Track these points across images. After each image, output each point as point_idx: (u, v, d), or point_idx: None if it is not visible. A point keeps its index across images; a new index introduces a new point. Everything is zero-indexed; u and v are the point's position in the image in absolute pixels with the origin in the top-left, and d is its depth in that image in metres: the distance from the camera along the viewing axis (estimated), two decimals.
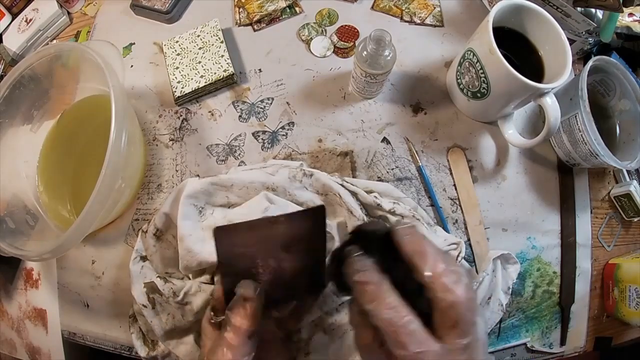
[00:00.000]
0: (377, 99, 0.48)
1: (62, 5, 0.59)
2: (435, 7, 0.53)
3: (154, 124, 0.50)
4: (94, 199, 0.34)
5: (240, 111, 0.49)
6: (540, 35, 0.41)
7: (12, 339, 0.48)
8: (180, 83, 0.49)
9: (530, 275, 0.45)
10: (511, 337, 0.44)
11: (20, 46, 0.57)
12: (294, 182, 0.41)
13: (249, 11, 0.53)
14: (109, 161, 0.35)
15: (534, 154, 0.47)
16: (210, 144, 0.48)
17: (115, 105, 0.36)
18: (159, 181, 0.47)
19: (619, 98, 0.47)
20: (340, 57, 0.51)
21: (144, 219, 0.46)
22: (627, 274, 0.43)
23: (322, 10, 0.53)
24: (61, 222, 0.46)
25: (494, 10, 0.39)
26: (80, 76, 0.49)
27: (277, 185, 0.40)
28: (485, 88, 0.41)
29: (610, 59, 0.44)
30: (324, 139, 0.47)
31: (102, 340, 0.45)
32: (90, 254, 0.46)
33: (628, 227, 0.48)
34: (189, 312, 0.38)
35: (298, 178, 0.41)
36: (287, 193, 0.40)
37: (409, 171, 0.46)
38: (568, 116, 0.43)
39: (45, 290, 0.47)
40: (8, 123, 0.46)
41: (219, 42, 0.50)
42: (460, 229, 0.45)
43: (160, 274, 0.41)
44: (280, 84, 0.50)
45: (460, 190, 0.45)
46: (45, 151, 0.49)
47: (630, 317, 0.42)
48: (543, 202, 0.46)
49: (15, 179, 0.47)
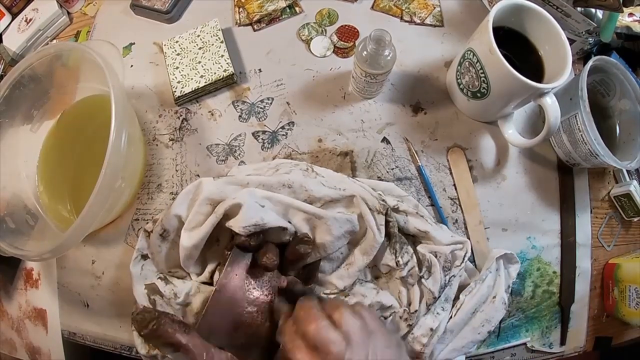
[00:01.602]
0: (377, 99, 0.49)
1: (62, 5, 0.59)
2: (435, 7, 0.53)
3: (154, 124, 0.50)
4: (94, 199, 0.34)
5: (240, 111, 0.49)
6: (540, 35, 0.41)
7: (12, 338, 0.48)
8: (180, 83, 0.49)
9: (530, 275, 0.45)
10: (511, 337, 0.44)
11: (20, 46, 0.57)
12: (309, 178, 0.41)
13: (249, 11, 0.53)
14: (109, 161, 0.35)
15: (534, 153, 0.47)
16: (210, 143, 0.48)
17: (115, 105, 0.36)
18: (159, 181, 0.47)
19: (619, 98, 0.47)
20: (340, 57, 0.51)
21: (143, 218, 0.46)
22: (627, 273, 0.43)
23: (322, 10, 0.53)
24: (61, 222, 0.46)
25: (494, 10, 0.39)
26: (80, 76, 0.49)
27: (293, 181, 0.40)
28: (485, 88, 0.41)
29: (610, 59, 0.44)
30: (324, 138, 0.47)
31: (102, 340, 0.45)
32: (90, 254, 0.46)
33: (628, 227, 0.48)
34: (189, 313, 0.38)
35: (312, 176, 0.41)
36: (304, 189, 0.40)
37: (408, 171, 0.46)
38: (568, 116, 0.43)
39: (45, 290, 0.47)
40: (8, 123, 0.46)
41: (219, 42, 0.50)
42: (460, 228, 0.45)
43: (163, 272, 0.41)
44: (280, 83, 0.50)
45: (460, 190, 0.45)
46: (45, 151, 0.49)
47: (630, 317, 0.42)
48: (543, 202, 0.46)
49: (15, 179, 0.47)
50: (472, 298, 0.40)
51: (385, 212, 0.39)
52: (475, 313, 0.40)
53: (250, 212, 0.35)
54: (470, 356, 0.43)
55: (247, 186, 0.40)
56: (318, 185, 0.40)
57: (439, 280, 0.39)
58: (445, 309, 0.39)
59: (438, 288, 0.39)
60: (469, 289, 0.40)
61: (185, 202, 0.39)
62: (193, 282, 0.39)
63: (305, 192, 0.40)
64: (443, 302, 0.39)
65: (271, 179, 0.40)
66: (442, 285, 0.39)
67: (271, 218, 0.36)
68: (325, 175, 0.42)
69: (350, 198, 0.40)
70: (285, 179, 0.40)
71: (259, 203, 0.37)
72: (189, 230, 0.38)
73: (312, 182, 0.40)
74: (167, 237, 0.39)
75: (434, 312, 0.39)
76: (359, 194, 0.40)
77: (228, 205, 0.36)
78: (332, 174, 0.43)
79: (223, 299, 0.32)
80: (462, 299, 0.40)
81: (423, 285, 0.39)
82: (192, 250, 0.37)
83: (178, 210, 0.39)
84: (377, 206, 0.40)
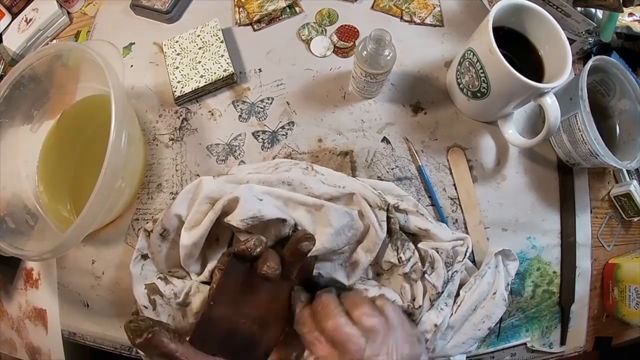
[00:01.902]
0: (377, 99, 0.49)
1: (62, 5, 0.59)
2: (435, 7, 0.53)
3: (154, 124, 0.50)
4: (93, 199, 0.34)
5: (240, 111, 0.49)
6: (540, 35, 0.41)
7: (12, 338, 0.48)
8: (180, 83, 0.49)
9: (530, 275, 0.45)
10: (511, 337, 0.44)
11: (20, 46, 0.57)
12: (309, 175, 0.41)
13: (248, 11, 0.53)
14: (109, 161, 0.35)
15: (534, 153, 0.47)
16: (210, 143, 0.48)
17: (115, 105, 0.36)
18: (159, 181, 0.47)
19: (619, 98, 0.47)
20: (340, 57, 0.51)
21: (143, 218, 0.46)
22: (627, 273, 0.43)
23: (322, 10, 0.53)
24: (61, 222, 0.46)
25: (494, 10, 0.39)
26: (80, 76, 0.49)
27: (293, 179, 0.40)
28: (485, 88, 0.41)
29: (610, 59, 0.44)
30: (324, 138, 0.47)
31: (102, 340, 0.45)
32: (90, 254, 0.46)
33: (628, 227, 0.48)
34: (189, 313, 0.38)
35: (311, 174, 0.41)
36: (304, 186, 0.40)
37: (409, 171, 0.46)
38: (568, 116, 0.43)
39: (45, 290, 0.47)
40: (8, 123, 0.46)
41: (219, 42, 0.50)
42: (460, 228, 0.45)
43: (163, 272, 0.41)
44: (280, 83, 0.50)
45: (460, 190, 0.45)
46: (45, 151, 0.49)
47: (630, 317, 0.42)
48: (543, 202, 0.46)
49: (15, 179, 0.47)
50: (472, 294, 0.40)
51: (387, 207, 0.39)
52: (475, 309, 0.40)
53: (247, 205, 0.35)
54: (471, 356, 0.43)
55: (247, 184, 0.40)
56: (317, 183, 0.40)
57: (442, 275, 0.38)
58: (448, 304, 0.40)
59: (441, 283, 0.38)
60: (468, 285, 0.40)
61: (186, 201, 0.39)
62: (193, 282, 0.39)
63: (305, 190, 0.40)
64: (446, 298, 0.40)
65: (271, 177, 0.40)
66: (445, 280, 0.39)
67: (269, 211, 0.36)
68: (325, 174, 0.42)
69: (350, 196, 0.40)
70: (285, 177, 0.40)
71: (257, 197, 0.37)
72: (189, 229, 0.38)
73: (312, 180, 0.40)
74: (167, 236, 0.39)
75: (437, 308, 0.39)
76: (358, 192, 0.40)
77: (226, 200, 0.36)
78: (331, 172, 0.43)
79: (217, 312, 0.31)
80: (462, 295, 0.40)
81: (426, 280, 0.39)
82: (192, 248, 0.37)
83: (178, 210, 0.39)
84: (378, 202, 0.39)
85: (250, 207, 0.35)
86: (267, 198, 0.38)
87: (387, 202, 0.40)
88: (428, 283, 0.39)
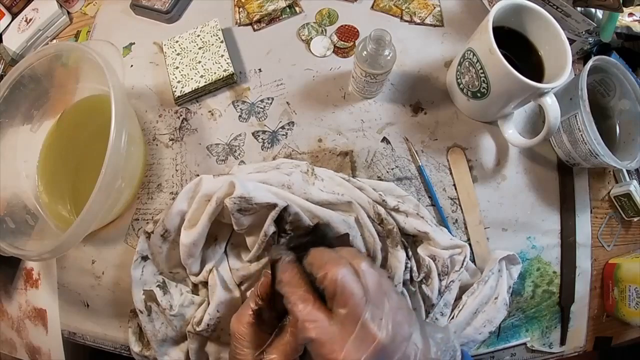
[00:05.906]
0: (377, 99, 0.48)
1: (62, 5, 0.59)
2: (435, 7, 0.53)
3: (154, 124, 0.50)
4: (94, 198, 0.34)
5: (240, 111, 0.49)
6: (540, 35, 0.41)
7: (12, 338, 0.48)
8: (180, 83, 0.49)
9: (530, 275, 0.45)
10: (511, 337, 0.44)
11: (20, 46, 0.57)
12: (308, 184, 0.41)
13: (248, 11, 0.53)
14: (109, 161, 0.35)
15: (534, 153, 0.47)
16: (210, 143, 0.48)
17: (115, 105, 0.36)
18: (159, 181, 0.47)
19: (619, 98, 0.47)
20: (340, 57, 0.51)
21: (143, 218, 0.46)
22: (627, 273, 0.43)
23: (322, 10, 0.53)
24: (61, 222, 0.46)
25: (494, 10, 0.39)
26: (80, 76, 0.49)
27: (293, 182, 0.40)
28: (485, 88, 0.41)
29: (610, 59, 0.44)
30: (324, 138, 0.47)
31: (102, 340, 0.45)
32: (90, 254, 0.46)
33: (628, 227, 0.48)
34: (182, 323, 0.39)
35: (310, 182, 0.41)
36: (303, 191, 0.40)
37: (409, 171, 0.46)
38: (568, 116, 0.43)
39: (45, 290, 0.47)
40: (8, 123, 0.46)
41: (219, 42, 0.50)
42: (460, 228, 0.45)
43: (164, 272, 0.41)
44: (280, 83, 0.50)
45: (460, 190, 0.45)
46: (45, 151, 0.49)
47: (630, 317, 0.42)
48: (543, 202, 0.46)
49: (15, 179, 0.47)
50: (475, 299, 0.40)
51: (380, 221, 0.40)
52: (477, 313, 0.40)
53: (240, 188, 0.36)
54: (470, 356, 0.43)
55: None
56: (317, 192, 0.41)
57: (436, 287, 0.39)
58: (444, 313, 0.40)
59: (436, 295, 0.39)
60: (471, 290, 0.40)
61: (186, 200, 0.40)
62: (186, 295, 0.40)
63: (304, 194, 0.40)
64: (442, 307, 0.40)
65: (271, 178, 0.40)
66: (441, 291, 0.39)
67: (260, 194, 0.36)
68: (324, 178, 0.42)
69: (347, 203, 0.40)
70: (286, 180, 0.40)
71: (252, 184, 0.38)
72: (188, 228, 0.38)
73: (311, 189, 0.41)
74: (167, 237, 0.39)
75: (432, 318, 0.39)
76: (355, 201, 0.40)
77: (222, 192, 0.37)
78: (332, 176, 0.43)
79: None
80: (465, 299, 0.40)
81: (422, 291, 0.40)
82: (191, 247, 0.37)
83: (179, 208, 0.39)
84: (372, 214, 0.40)
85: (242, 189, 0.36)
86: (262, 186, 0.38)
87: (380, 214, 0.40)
88: (424, 294, 0.39)
